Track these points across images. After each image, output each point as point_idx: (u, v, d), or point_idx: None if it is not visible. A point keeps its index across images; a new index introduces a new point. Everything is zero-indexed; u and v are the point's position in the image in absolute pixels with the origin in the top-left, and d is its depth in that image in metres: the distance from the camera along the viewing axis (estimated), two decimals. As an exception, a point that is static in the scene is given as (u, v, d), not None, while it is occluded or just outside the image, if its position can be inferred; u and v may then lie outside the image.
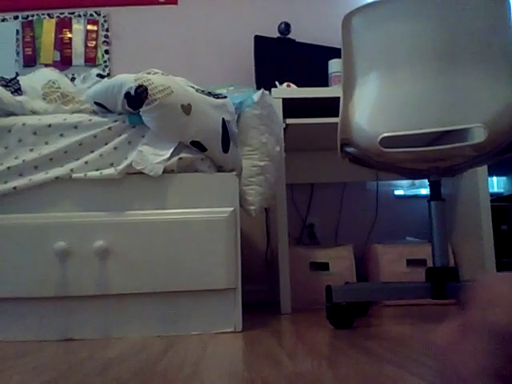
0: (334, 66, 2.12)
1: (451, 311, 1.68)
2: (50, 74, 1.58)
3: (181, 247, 1.35)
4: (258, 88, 1.72)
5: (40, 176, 1.35)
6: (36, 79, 1.55)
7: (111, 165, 1.37)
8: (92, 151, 1.38)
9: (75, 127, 1.39)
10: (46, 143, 1.38)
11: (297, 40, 2.38)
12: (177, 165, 1.38)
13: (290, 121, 1.91)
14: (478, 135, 1.33)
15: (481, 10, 1.29)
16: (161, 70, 1.51)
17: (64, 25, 2.52)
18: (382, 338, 1.16)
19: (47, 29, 2.51)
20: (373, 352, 0.98)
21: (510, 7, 1.29)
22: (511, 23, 1.29)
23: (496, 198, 2.32)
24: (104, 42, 2.52)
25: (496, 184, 2.59)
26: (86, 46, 2.51)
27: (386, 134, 1.34)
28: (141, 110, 1.33)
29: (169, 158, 1.36)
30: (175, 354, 1.04)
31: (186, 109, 1.35)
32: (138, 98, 1.31)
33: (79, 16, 2.53)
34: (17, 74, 2.40)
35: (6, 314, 1.31)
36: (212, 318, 1.36)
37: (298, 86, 2.08)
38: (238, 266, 1.38)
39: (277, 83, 2.08)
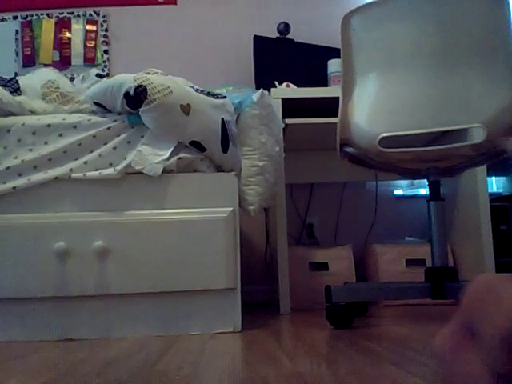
0: (334, 66, 2.13)
1: (451, 312, 1.68)
2: (49, 73, 1.58)
3: (180, 247, 1.35)
4: (258, 88, 1.72)
5: (39, 176, 1.35)
6: (35, 79, 1.55)
7: (110, 165, 1.37)
8: (91, 151, 1.38)
9: (74, 127, 1.39)
10: (46, 143, 1.38)
11: (296, 40, 2.38)
12: (176, 165, 1.38)
13: (289, 121, 1.91)
14: (477, 135, 1.33)
15: (480, 10, 1.29)
16: (160, 69, 1.51)
17: (63, 25, 2.52)
18: (382, 337, 1.16)
19: (46, 29, 2.51)
20: (372, 352, 0.98)
21: (509, 7, 1.29)
22: (510, 23, 1.29)
23: (495, 198, 2.32)
24: (103, 41, 2.52)
25: (495, 184, 2.59)
26: (86, 46, 2.51)
27: (385, 134, 1.34)
28: (140, 110, 1.33)
29: (168, 158, 1.36)
30: (175, 354, 1.04)
31: (185, 109, 1.35)
32: (137, 98, 1.31)
33: (78, 16, 2.52)
34: (16, 74, 2.40)
35: (6, 313, 1.31)
36: (211, 318, 1.36)
37: (298, 86, 2.08)
38: (238, 266, 1.38)
39: (276, 83, 2.08)
